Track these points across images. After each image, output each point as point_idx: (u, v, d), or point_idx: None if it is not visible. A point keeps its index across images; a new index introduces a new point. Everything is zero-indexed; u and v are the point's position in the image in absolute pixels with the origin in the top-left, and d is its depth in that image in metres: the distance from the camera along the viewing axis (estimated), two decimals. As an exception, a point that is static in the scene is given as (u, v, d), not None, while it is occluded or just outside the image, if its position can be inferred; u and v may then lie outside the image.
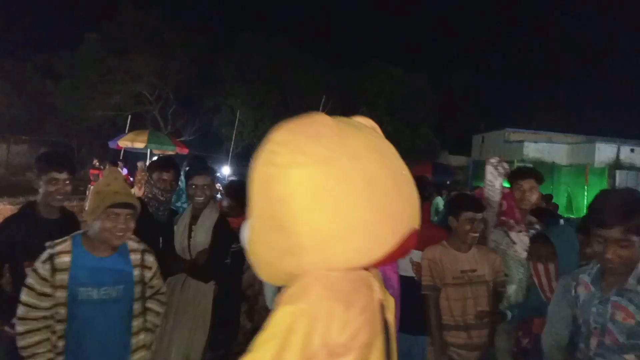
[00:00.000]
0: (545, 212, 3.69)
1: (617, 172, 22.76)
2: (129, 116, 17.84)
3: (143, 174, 11.83)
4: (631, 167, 23.32)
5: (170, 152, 16.18)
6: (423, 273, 2.99)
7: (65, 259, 2.24)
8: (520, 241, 3.17)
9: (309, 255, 1.06)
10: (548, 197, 9.64)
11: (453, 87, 34.73)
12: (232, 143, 16.52)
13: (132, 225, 2.35)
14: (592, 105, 33.83)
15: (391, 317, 1.20)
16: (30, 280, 2.18)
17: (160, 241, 3.12)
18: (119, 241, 2.34)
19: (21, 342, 2.15)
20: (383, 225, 1.06)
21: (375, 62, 30.40)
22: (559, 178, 22.84)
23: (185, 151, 15.84)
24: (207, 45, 27.87)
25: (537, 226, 3.35)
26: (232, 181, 5.30)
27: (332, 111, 13.67)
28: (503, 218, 3.36)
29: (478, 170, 26.93)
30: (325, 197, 1.03)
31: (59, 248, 2.25)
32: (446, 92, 33.12)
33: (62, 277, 2.21)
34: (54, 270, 2.21)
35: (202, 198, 3.16)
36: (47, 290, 2.19)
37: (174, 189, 3.34)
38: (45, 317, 2.18)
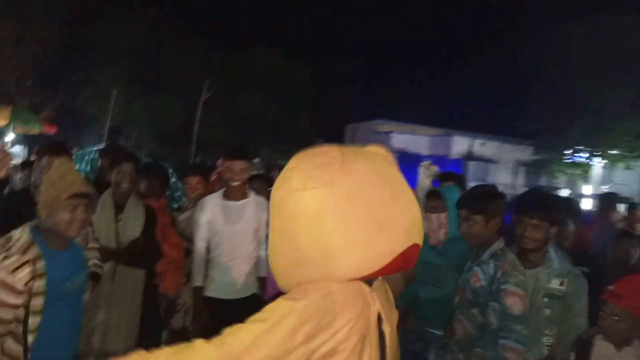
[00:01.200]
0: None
1: (470, 163, 25.78)
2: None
3: (2, 155, 10.98)
4: (481, 159, 26.51)
5: (35, 132, 15.08)
6: None
7: (40, 264, 2.18)
8: None
9: (316, 266, 1.23)
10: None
11: (329, 77, 36.17)
12: (109, 122, 15.79)
13: (90, 215, 2.39)
14: (451, 101, 37.48)
15: (388, 328, 1.33)
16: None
17: None
18: (77, 233, 2.33)
19: None
20: (382, 239, 1.23)
21: (258, 47, 30.56)
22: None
23: (52, 130, 14.84)
24: (75, 12, 25.74)
25: None
26: (149, 162, 5.35)
27: (214, 94, 13.82)
28: None
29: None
30: (328, 215, 1.22)
31: (30, 254, 2.17)
32: (323, 82, 34.46)
33: (40, 283, 2.17)
34: (32, 278, 2.15)
35: (127, 185, 3.29)
36: (19, 302, 2.12)
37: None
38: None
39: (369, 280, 1.30)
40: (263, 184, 4.21)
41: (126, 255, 3.17)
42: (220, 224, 3.33)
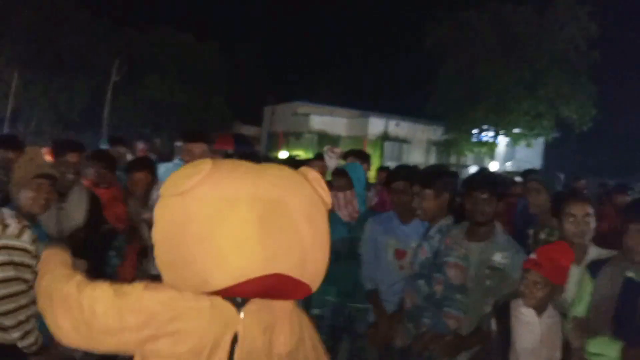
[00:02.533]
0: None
1: (386, 143, 26.86)
2: None
3: None
4: (396, 139, 27.67)
5: None
6: None
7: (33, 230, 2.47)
8: None
9: (164, 273, 1.29)
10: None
11: (243, 57, 35.86)
12: (9, 107, 14.81)
13: (53, 195, 2.62)
14: (367, 83, 38.53)
15: (245, 349, 1.26)
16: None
17: None
18: (41, 210, 2.55)
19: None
20: (231, 259, 1.20)
21: (168, 28, 29.66)
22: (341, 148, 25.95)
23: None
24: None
25: None
26: (98, 150, 5.13)
27: (121, 77, 13.30)
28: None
29: (271, 142, 28.83)
30: (170, 229, 1.26)
31: (24, 221, 2.44)
32: (237, 63, 34.12)
33: (40, 246, 2.40)
34: (33, 240, 2.43)
35: (72, 176, 3.18)
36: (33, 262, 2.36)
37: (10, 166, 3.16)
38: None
39: (235, 299, 1.26)
40: None
41: (67, 244, 3.10)
42: None
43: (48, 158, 3.24)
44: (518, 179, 6.55)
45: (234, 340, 1.26)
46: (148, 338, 1.23)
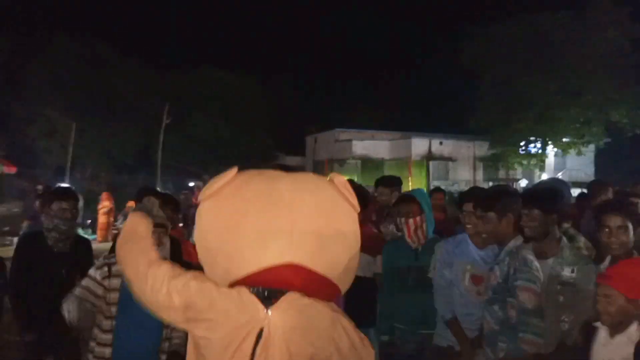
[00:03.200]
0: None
1: (430, 163, 26.87)
2: None
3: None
4: (441, 158, 27.64)
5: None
6: None
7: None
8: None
9: (205, 269, 1.49)
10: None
11: (282, 89, 36.86)
12: (70, 156, 15.81)
13: (165, 241, 2.91)
14: (407, 104, 38.69)
15: (276, 337, 1.37)
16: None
17: (64, 271, 3.32)
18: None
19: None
20: (246, 251, 1.37)
21: (205, 67, 31.00)
22: (384, 172, 26.15)
23: (13, 170, 14.87)
24: (14, 49, 25.62)
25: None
26: (162, 193, 5.52)
27: (172, 119, 13.99)
28: None
29: (316, 170, 29.35)
30: (201, 227, 1.49)
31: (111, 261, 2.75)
32: (276, 95, 35.10)
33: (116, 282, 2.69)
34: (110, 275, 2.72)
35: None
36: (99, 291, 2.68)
37: (75, 217, 3.46)
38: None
39: (262, 295, 1.40)
40: None
41: None
42: None
43: (107, 202, 3.65)
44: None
45: (260, 334, 1.37)
46: (189, 319, 1.42)
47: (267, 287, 1.40)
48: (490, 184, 28.27)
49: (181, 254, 3.61)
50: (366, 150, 28.80)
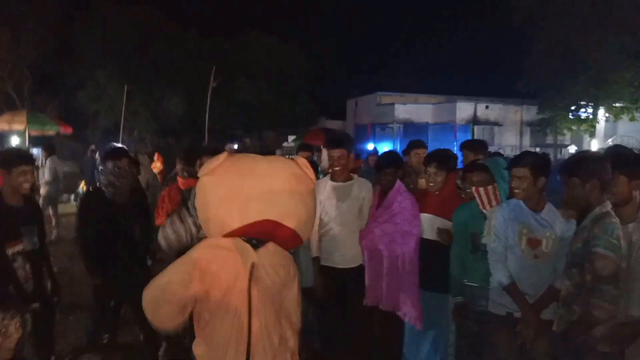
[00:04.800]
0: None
1: (476, 127, 26.71)
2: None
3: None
4: (487, 122, 27.40)
5: (52, 132, 16.05)
6: None
7: None
8: None
9: (204, 227, 2.12)
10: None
11: (324, 53, 36.94)
12: (122, 121, 16.58)
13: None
14: (451, 67, 38.18)
15: (262, 272, 2.03)
16: None
17: (122, 220, 3.75)
18: None
19: None
20: (232, 213, 1.96)
21: (249, 31, 31.36)
22: (427, 136, 26.19)
23: (69, 130, 15.77)
24: (63, 14, 26.57)
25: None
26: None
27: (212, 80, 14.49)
28: None
29: (359, 133, 29.61)
30: (206, 193, 2.03)
31: None
32: (318, 59, 35.24)
33: None
34: None
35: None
36: None
37: (128, 173, 3.83)
38: None
39: (250, 241, 2.03)
40: None
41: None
42: (330, 203, 3.90)
43: (159, 163, 4.09)
44: None
45: (252, 272, 2.01)
46: (198, 292, 1.99)
47: (254, 235, 2.02)
48: (538, 149, 27.94)
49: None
50: (409, 115, 28.78)
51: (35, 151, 15.75)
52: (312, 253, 3.95)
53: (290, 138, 27.59)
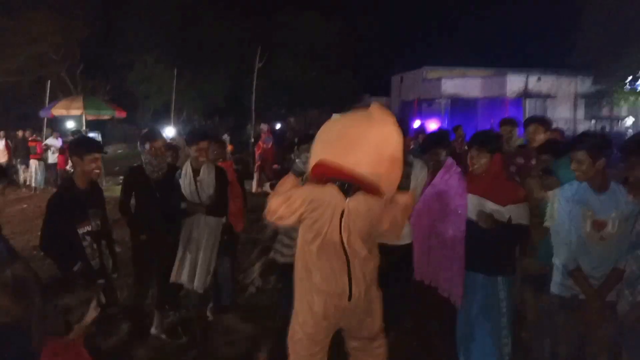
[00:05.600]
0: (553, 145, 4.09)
1: (527, 101, 26.10)
2: (49, 82, 17.88)
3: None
4: (539, 95, 26.71)
5: (107, 117, 16.76)
6: None
7: None
8: None
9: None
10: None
11: (367, 30, 36.59)
12: (173, 103, 17.14)
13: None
14: (499, 38, 37.19)
15: (352, 211, 2.66)
16: None
17: (158, 194, 4.30)
18: None
19: None
20: (336, 156, 2.53)
21: (291, 9, 31.42)
22: (477, 111, 25.81)
23: (123, 114, 16.41)
24: (111, -1, 27.38)
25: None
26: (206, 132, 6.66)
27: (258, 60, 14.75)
28: None
29: (405, 110, 29.40)
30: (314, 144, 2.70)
31: None
32: (361, 35, 34.96)
33: None
34: None
35: (204, 158, 4.45)
36: None
37: (164, 154, 4.46)
38: None
39: (348, 185, 2.60)
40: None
41: (206, 207, 4.38)
42: None
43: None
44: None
45: (342, 213, 2.63)
46: (307, 211, 2.63)
47: (347, 182, 2.57)
48: (593, 122, 27.07)
49: (226, 185, 4.64)
50: (456, 89, 28.32)
51: (92, 135, 16.60)
52: None
53: (335, 116, 27.69)
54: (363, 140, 2.49)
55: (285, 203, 2.64)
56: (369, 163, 2.49)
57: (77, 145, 3.73)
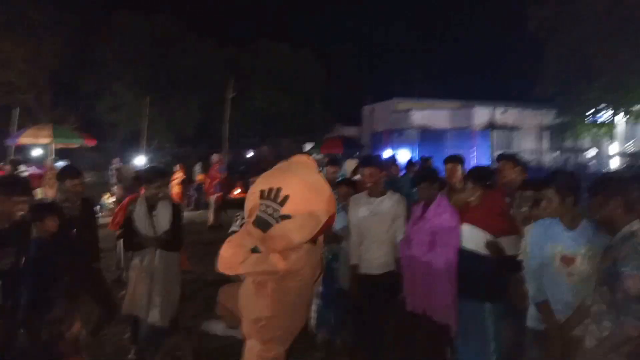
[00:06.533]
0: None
1: (494, 132, 26.88)
2: (18, 110, 17.67)
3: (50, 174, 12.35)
4: (505, 127, 27.54)
5: (76, 145, 16.61)
6: None
7: None
8: None
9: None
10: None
11: (338, 61, 37.34)
12: (146, 131, 17.14)
13: None
14: (467, 72, 38.39)
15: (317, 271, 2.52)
16: None
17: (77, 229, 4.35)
18: None
19: None
20: (313, 220, 2.29)
21: (263, 40, 31.91)
22: (445, 142, 26.43)
23: (93, 142, 16.29)
24: (81, 25, 27.30)
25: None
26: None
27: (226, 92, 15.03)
28: None
29: (375, 140, 29.86)
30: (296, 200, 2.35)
31: None
32: (332, 66, 35.65)
33: None
34: None
35: (160, 194, 4.61)
36: None
37: (83, 190, 4.61)
38: None
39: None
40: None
41: (161, 242, 4.42)
42: (364, 216, 4.38)
43: (181, 173, 4.72)
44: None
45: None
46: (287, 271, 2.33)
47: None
48: (558, 153, 27.96)
49: (180, 220, 4.72)
50: (425, 120, 28.93)
51: (61, 164, 16.41)
52: (351, 261, 4.46)
53: (308, 146, 28.00)
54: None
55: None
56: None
57: (4, 185, 3.57)
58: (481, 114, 27.25)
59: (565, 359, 3.05)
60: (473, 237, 3.86)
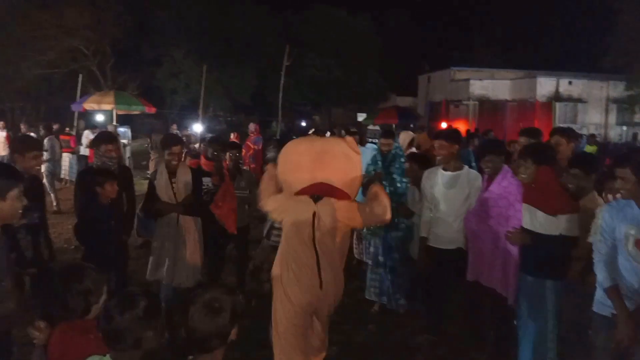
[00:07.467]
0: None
1: (557, 105, 25.75)
2: (80, 75, 18.28)
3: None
4: (569, 99, 26.32)
5: (137, 112, 17.06)
6: None
7: None
8: None
9: (283, 187, 3.36)
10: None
11: (395, 28, 36.42)
12: (202, 99, 17.39)
13: None
14: (530, 40, 36.63)
15: (321, 220, 3.20)
16: None
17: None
18: None
19: None
20: (298, 179, 3.22)
21: (317, 6, 31.51)
22: (505, 114, 25.57)
23: (153, 110, 16.66)
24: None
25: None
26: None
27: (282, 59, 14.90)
28: None
29: (432, 111, 29.23)
30: (282, 162, 3.33)
31: None
32: (389, 34, 34.82)
33: None
34: None
35: (177, 162, 4.63)
36: None
37: (118, 155, 4.68)
38: None
39: (313, 196, 3.20)
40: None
41: (182, 207, 4.51)
42: (439, 190, 4.40)
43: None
44: None
45: (314, 217, 3.16)
46: (280, 214, 3.34)
47: (314, 193, 3.20)
48: (624, 128, 26.58)
49: (200, 186, 4.83)
50: (485, 91, 28.05)
51: (123, 130, 16.96)
52: (421, 233, 4.57)
53: (360, 116, 27.70)
54: (329, 158, 3.20)
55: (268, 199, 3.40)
56: (336, 175, 3.18)
57: (19, 143, 4.06)
58: (544, 85, 26.11)
59: (633, 349, 2.86)
60: (530, 217, 3.69)
